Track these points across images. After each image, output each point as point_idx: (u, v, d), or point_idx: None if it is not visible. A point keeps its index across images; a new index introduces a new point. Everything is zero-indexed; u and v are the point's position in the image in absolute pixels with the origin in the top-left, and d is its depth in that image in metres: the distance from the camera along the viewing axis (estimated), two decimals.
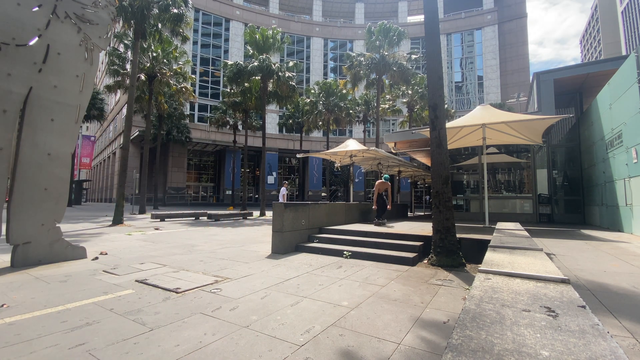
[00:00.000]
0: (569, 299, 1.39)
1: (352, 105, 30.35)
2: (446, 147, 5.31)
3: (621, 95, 7.85)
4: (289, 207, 6.40)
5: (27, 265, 4.79)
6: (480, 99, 45.66)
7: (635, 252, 5.27)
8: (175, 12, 14.42)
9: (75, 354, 2.20)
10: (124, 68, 19.96)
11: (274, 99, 22.19)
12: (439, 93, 5.39)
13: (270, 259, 5.61)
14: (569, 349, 0.93)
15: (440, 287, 3.88)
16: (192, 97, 24.89)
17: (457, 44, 48.76)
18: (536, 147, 11.60)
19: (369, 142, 32.85)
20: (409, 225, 8.84)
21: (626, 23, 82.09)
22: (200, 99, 39.81)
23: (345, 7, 52.76)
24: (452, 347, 0.94)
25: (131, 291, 3.66)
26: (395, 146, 14.12)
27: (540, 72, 12.39)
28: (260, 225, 12.66)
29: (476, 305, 1.31)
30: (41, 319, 2.83)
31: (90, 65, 5.55)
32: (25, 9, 4.77)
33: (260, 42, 20.28)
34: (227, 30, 44.11)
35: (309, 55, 48.61)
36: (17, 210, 4.74)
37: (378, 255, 5.48)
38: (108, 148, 42.62)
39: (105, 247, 6.72)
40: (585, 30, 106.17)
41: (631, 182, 7.44)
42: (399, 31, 22.26)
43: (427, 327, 2.71)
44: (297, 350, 2.28)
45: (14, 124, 4.72)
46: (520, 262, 2.19)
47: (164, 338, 2.46)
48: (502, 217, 10.94)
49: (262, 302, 3.30)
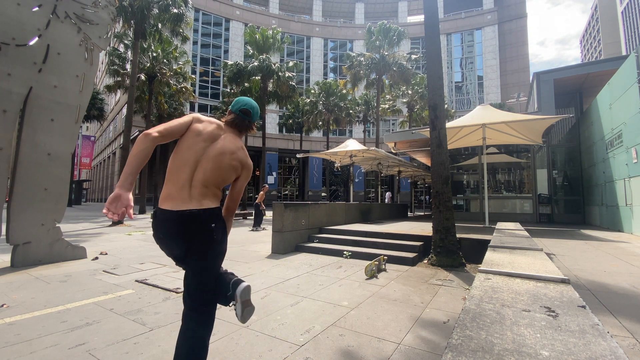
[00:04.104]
0: (569, 299, 1.39)
1: (352, 105, 30.35)
2: (446, 147, 5.31)
3: (621, 95, 7.85)
4: (289, 207, 6.40)
5: (27, 265, 4.79)
6: (480, 99, 45.66)
7: (635, 252, 5.27)
8: (175, 12, 14.43)
9: (75, 354, 2.20)
10: (124, 68, 19.95)
11: (274, 99, 22.20)
12: (439, 93, 5.39)
13: (270, 259, 5.61)
14: (569, 349, 0.93)
15: (440, 287, 3.88)
16: (192, 97, 24.90)
17: (457, 44, 48.75)
18: (536, 147, 11.60)
19: (369, 142, 32.85)
20: (409, 225, 8.84)
21: (626, 23, 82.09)
22: (200, 99, 39.81)
23: (345, 7, 52.75)
24: (452, 347, 0.94)
25: (131, 291, 3.66)
26: (395, 146, 14.12)
27: (540, 72, 12.40)
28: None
29: (476, 305, 1.31)
30: (41, 319, 2.83)
31: (90, 65, 5.55)
32: (25, 9, 4.77)
33: (260, 42, 20.29)
34: (227, 30, 44.11)
35: (309, 55, 48.61)
36: (17, 210, 4.74)
37: (378, 255, 5.47)
38: (108, 148, 42.62)
39: (105, 247, 6.72)
40: (585, 30, 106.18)
41: (631, 182, 7.44)
42: (399, 31, 22.27)
43: (427, 327, 2.71)
44: (297, 350, 2.28)
45: (14, 124, 4.72)
46: (520, 262, 2.19)
47: (164, 338, 2.46)
48: (502, 217, 10.94)
49: (262, 302, 3.30)
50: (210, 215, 1.65)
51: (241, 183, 1.83)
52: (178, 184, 1.61)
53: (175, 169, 1.64)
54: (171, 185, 1.62)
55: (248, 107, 1.87)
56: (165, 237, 1.63)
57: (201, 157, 1.66)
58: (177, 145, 1.68)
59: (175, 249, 1.65)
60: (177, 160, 1.64)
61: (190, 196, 1.61)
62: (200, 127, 1.71)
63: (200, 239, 1.62)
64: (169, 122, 1.68)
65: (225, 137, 1.76)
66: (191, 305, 1.67)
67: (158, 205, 1.63)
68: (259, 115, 1.96)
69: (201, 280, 1.67)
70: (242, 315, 1.77)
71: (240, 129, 1.86)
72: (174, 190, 1.61)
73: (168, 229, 1.60)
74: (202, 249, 1.64)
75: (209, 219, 1.64)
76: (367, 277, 4.32)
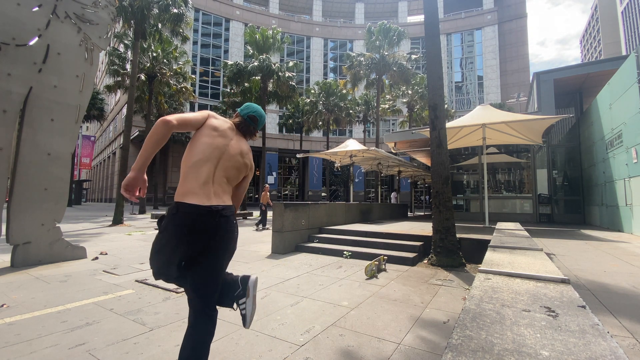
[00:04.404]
0: (569, 299, 1.39)
1: (352, 105, 30.34)
2: (446, 147, 5.31)
3: (621, 95, 7.85)
4: (289, 207, 6.40)
5: (27, 265, 4.79)
6: (480, 99, 45.65)
7: (635, 252, 5.27)
8: (175, 12, 14.42)
9: (75, 354, 2.20)
10: (124, 68, 19.94)
11: (274, 99, 22.20)
12: (439, 93, 5.39)
13: (270, 259, 5.61)
14: (569, 349, 0.93)
15: (440, 287, 3.88)
16: (192, 97, 24.90)
17: (457, 44, 48.74)
18: (536, 147, 11.59)
19: (369, 142, 32.84)
20: (409, 225, 8.84)
21: (626, 23, 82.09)
22: (200, 99, 39.81)
23: (345, 7, 52.75)
24: (452, 347, 0.94)
25: (131, 291, 3.66)
26: (395, 146, 14.12)
27: (540, 72, 12.40)
28: None
29: (476, 305, 1.31)
30: (41, 319, 2.83)
31: (90, 65, 5.55)
32: (25, 9, 4.77)
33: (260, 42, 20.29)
34: (227, 30, 44.10)
35: (309, 55, 48.60)
36: (17, 210, 4.74)
37: (378, 255, 5.47)
38: (108, 148, 42.61)
39: (105, 247, 6.72)
40: (585, 30, 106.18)
41: (631, 182, 7.44)
42: (399, 31, 22.26)
43: (427, 327, 2.71)
44: (297, 350, 2.28)
45: (14, 124, 4.72)
46: (520, 262, 2.19)
47: (164, 338, 2.46)
48: (502, 217, 10.94)
49: (262, 302, 3.30)
50: (232, 213, 1.71)
51: (246, 183, 1.90)
52: (200, 180, 1.62)
53: (195, 164, 1.63)
54: (192, 181, 1.61)
55: (257, 115, 1.93)
56: (189, 232, 1.58)
57: (222, 154, 1.69)
58: (194, 140, 1.69)
59: (196, 245, 1.61)
60: (197, 156, 1.64)
61: (214, 192, 1.64)
62: (216, 123, 1.74)
63: (222, 235, 1.64)
64: (186, 113, 1.71)
65: (237, 138, 1.82)
66: (202, 307, 1.63)
67: (179, 200, 1.60)
68: (263, 125, 2.01)
69: (214, 279, 1.67)
70: (251, 314, 1.79)
71: (245, 134, 1.91)
72: (196, 186, 1.61)
73: (194, 222, 1.58)
74: (222, 246, 1.65)
75: (232, 217, 1.69)
76: (367, 277, 4.32)
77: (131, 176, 1.55)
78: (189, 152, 1.67)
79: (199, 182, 1.61)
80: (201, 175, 1.62)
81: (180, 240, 1.59)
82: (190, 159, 1.64)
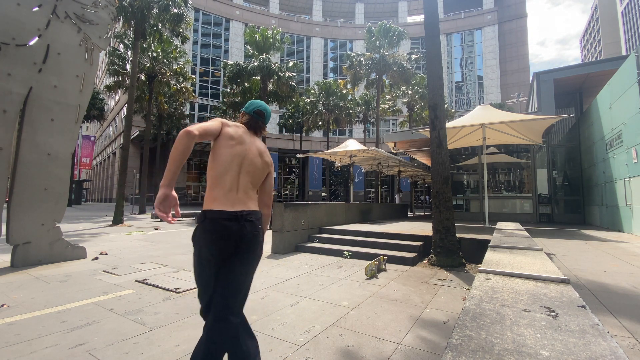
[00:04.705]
0: (569, 299, 1.39)
1: (352, 105, 30.33)
2: (446, 147, 5.31)
3: (621, 95, 7.85)
4: (289, 207, 6.40)
5: (27, 265, 4.79)
6: (480, 99, 45.66)
7: (635, 252, 5.27)
8: (175, 12, 14.42)
9: (75, 354, 2.20)
10: (124, 68, 19.94)
11: (274, 99, 22.19)
12: (439, 93, 5.39)
13: (270, 259, 5.61)
14: (569, 349, 0.93)
15: (440, 287, 3.88)
16: (192, 97, 24.90)
17: (457, 44, 48.75)
18: (536, 147, 11.59)
19: (369, 142, 32.84)
20: (409, 225, 8.84)
21: (626, 23, 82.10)
22: (200, 99, 39.82)
23: (345, 7, 52.76)
24: (452, 347, 0.94)
25: (131, 291, 3.66)
26: (395, 146, 14.12)
27: (540, 72, 12.40)
28: None
29: (476, 305, 1.31)
30: (41, 319, 2.83)
31: (90, 65, 5.55)
32: (25, 9, 4.77)
33: (260, 42, 20.28)
34: (227, 30, 44.11)
35: (309, 55, 48.61)
36: (17, 210, 4.74)
37: (378, 255, 5.47)
38: (108, 148, 42.61)
39: (105, 247, 6.72)
40: (585, 30, 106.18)
41: (631, 182, 7.44)
42: (399, 31, 22.26)
43: (427, 327, 2.71)
44: (297, 350, 2.28)
45: (14, 124, 4.72)
46: (520, 262, 2.19)
47: (164, 338, 2.46)
48: (502, 217, 10.94)
49: (262, 302, 3.30)
50: (258, 218, 1.73)
51: (270, 179, 1.91)
52: (225, 188, 1.65)
53: (219, 174, 1.66)
54: (218, 190, 1.65)
55: (262, 109, 1.95)
56: (218, 237, 1.60)
57: (243, 160, 1.71)
58: (214, 152, 1.70)
59: (225, 250, 1.62)
60: (220, 166, 1.67)
61: (238, 199, 1.67)
62: (231, 131, 1.74)
63: (249, 240, 1.66)
64: (203, 123, 1.70)
65: (252, 140, 1.83)
66: (225, 313, 1.58)
67: (206, 208, 1.63)
68: (270, 118, 2.01)
69: (241, 284, 1.66)
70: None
71: (255, 131, 1.92)
72: (221, 194, 1.64)
73: (222, 227, 1.60)
74: (249, 250, 1.67)
75: (257, 222, 1.71)
76: (367, 277, 4.32)
77: (161, 194, 1.49)
78: (211, 163, 1.70)
79: (224, 190, 1.65)
80: (225, 183, 1.65)
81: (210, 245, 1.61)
82: (214, 170, 1.68)
